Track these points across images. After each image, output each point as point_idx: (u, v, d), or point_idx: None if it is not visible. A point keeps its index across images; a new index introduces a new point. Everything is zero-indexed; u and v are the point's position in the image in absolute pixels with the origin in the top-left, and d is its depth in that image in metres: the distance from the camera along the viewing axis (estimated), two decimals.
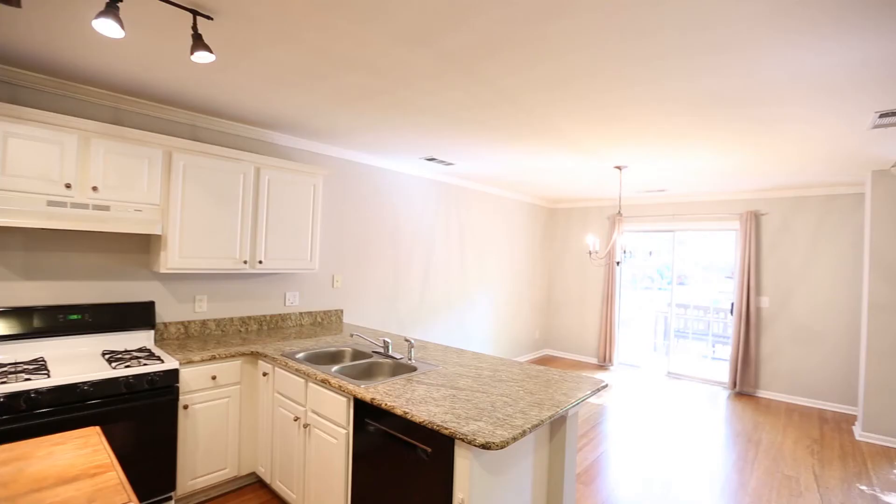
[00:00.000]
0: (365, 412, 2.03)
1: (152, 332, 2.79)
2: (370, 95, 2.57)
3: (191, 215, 2.74)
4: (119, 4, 1.52)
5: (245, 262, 2.99)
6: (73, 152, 2.30)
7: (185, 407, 2.48)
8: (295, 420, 2.43)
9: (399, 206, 4.54)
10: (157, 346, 2.75)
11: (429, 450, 1.72)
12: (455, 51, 1.96)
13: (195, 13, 1.69)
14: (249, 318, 3.37)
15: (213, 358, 2.59)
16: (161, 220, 2.62)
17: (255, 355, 2.77)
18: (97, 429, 1.51)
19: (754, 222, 5.25)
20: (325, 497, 2.22)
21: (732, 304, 5.41)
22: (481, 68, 2.13)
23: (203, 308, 3.13)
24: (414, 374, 2.33)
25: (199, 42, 1.67)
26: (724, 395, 5.26)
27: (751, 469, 3.35)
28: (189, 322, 3.05)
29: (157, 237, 2.70)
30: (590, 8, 1.58)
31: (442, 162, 4.23)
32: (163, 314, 2.95)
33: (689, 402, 4.96)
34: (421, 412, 1.76)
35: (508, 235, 6.14)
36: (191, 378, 2.50)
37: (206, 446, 2.58)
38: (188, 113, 2.97)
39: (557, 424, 2.05)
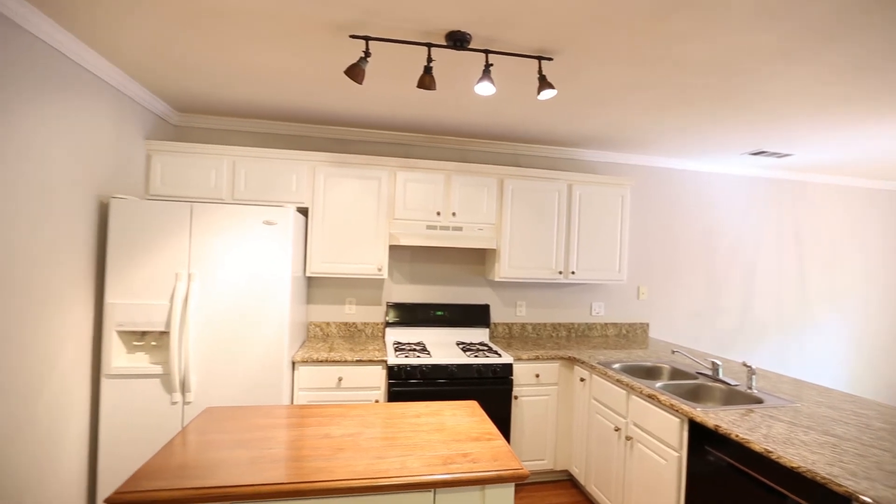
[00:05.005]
0: (701, 437, 1.86)
1: (487, 330, 3.37)
2: (693, 95, 2.39)
3: (516, 231, 3.18)
4: (490, 68, 1.92)
5: (560, 273, 3.25)
6: (441, 187, 3.05)
7: (516, 397, 2.87)
8: (615, 430, 2.46)
9: (712, 211, 4.01)
10: (491, 342, 3.29)
11: None
12: (812, 20, 1.60)
13: (540, 58, 1.97)
14: (559, 324, 3.63)
15: (536, 358, 2.91)
16: (495, 236, 3.15)
17: (572, 360, 2.96)
18: (475, 402, 1.92)
19: None
20: None
21: None
22: (859, 25, 1.66)
23: (522, 312, 3.57)
24: (759, 406, 2.00)
25: (544, 82, 1.93)
26: None
27: None
28: (512, 324, 3.54)
29: (492, 251, 3.26)
30: None
31: (774, 154, 3.50)
32: (493, 315, 3.52)
33: None
34: (792, 455, 1.49)
35: (874, 239, 4.52)
36: (520, 373, 2.88)
37: (529, 436, 2.91)
38: (511, 144, 3.48)
39: None
